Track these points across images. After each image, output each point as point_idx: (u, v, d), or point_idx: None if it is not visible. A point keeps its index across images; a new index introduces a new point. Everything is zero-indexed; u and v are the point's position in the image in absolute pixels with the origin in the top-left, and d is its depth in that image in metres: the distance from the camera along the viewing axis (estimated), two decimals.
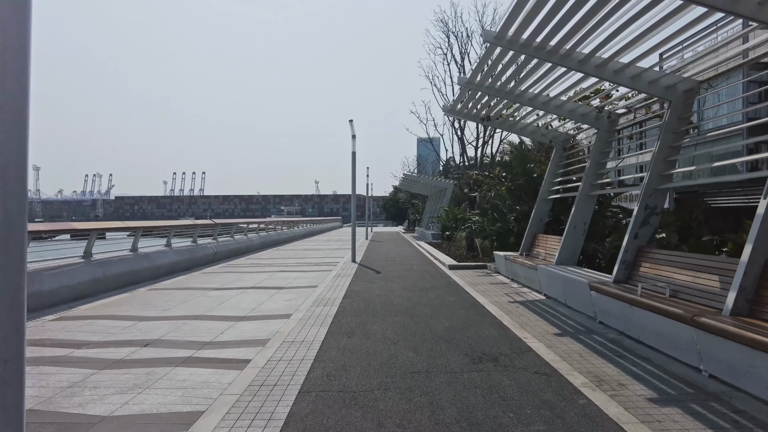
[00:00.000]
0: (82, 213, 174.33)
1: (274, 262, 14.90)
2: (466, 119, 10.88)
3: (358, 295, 8.59)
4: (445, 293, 8.68)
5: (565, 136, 10.33)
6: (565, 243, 8.37)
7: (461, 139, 17.10)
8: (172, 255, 12.36)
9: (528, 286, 9.31)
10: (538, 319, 6.58)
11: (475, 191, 16.58)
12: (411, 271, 12.08)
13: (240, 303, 7.99)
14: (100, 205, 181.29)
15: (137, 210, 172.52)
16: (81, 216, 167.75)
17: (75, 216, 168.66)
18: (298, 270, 12.61)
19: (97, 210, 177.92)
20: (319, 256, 16.80)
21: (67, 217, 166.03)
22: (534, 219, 10.48)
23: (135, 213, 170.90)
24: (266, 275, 11.57)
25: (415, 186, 34.64)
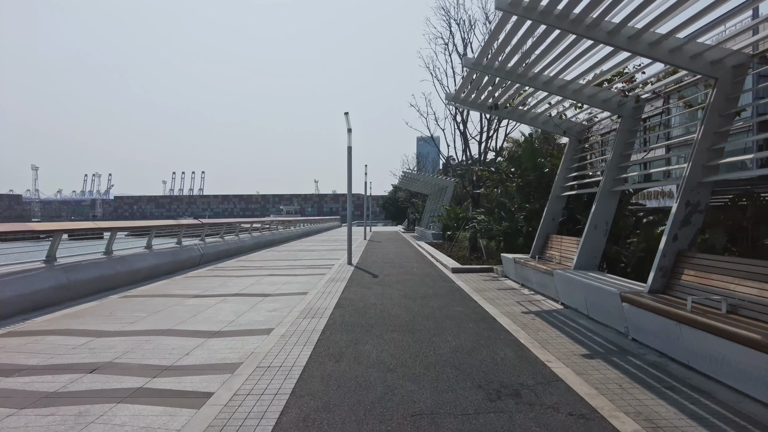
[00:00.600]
0: (81, 213, 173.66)
1: (265, 264, 13.95)
2: (470, 108, 9.94)
3: (352, 304, 7.65)
4: (449, 302, 7.74)
5: (580, 126, 9.39)
6: (585, 245, 7.43)
7: (464, 134, 16.14)
8: (153, 258, 11.42)
9: (541, 293, 8.36)
10: (559, 336, 5.64)
11: (479, 188, 15.64)
12: (411, 275, 11.13)
13: (217, 314, 7.05)
14: (99, 204, 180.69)
15: (136, 210, 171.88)
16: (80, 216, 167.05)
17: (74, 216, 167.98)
18: (288, 274, 11.67)
19: (96, 210, 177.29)
20: (314, 258, 15.85)
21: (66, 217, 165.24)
22: (546, 218, 9.54)
23: (134, 213, 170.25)
24: (254, 280, 10.64)
25: (414, 184, 33.70)
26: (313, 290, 9.07)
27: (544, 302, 7.72)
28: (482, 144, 15.60)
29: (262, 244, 20.73)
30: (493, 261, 12.27)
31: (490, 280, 10.31)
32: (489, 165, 13.25)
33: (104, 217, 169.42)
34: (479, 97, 9.17)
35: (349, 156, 13.75)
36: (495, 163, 13.51)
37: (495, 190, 11.51)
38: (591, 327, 6.02)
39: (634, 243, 7.47)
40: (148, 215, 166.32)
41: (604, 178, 7.43)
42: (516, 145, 13.44)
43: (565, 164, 9.48)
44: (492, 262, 12.16)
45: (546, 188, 10.25)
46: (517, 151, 11.72)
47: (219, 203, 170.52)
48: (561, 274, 7.19)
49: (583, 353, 4.93)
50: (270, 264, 14.00)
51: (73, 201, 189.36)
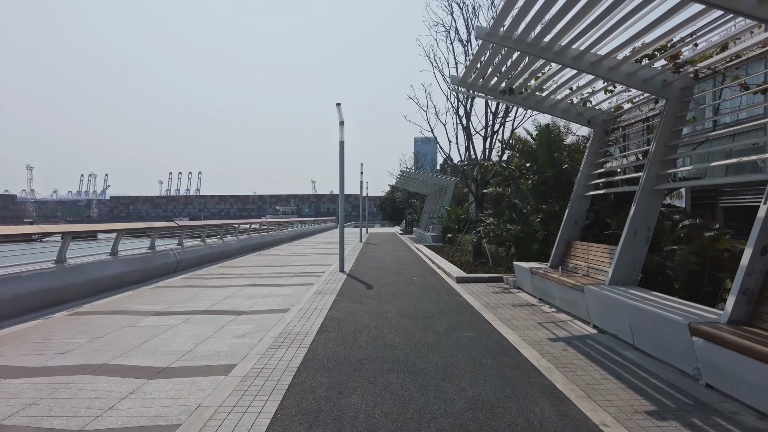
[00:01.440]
0: (77, 213, 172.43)
1: (248, 272, 12.60)
2: (479, 94, 8.63)
3: (340, 326, 6.31)
4: (458, 323, 6.41)
5: (607, 115, 8.10)
6: (623, 255, 6.11)
7: (467, 129, 14.82)
8: (118, 265, 10.06)
9: (566, 311, 7.05)
10: (605, 378, 4.32)
11: (485, 187, 14.33)
12: (410, 285, 9.81)
13: (174, 340, 5.71)
14: (94, 205, 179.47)
15: (132, 210, 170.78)
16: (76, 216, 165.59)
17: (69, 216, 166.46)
18: (272, 284, 10.32)
19: (91, 210, 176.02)
20: (303, 264, 14.50)
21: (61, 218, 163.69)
22: (567, 222, 8.23)
23: (130, 213, 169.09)
24: (231, 291, 9.30)
25: (412, 184, 32.37)
26: (296, 306, 7.73)
27: (572, 324, 6.40)
28: (487, 140, 14.29)
29: (249, 247, 19.37)
30: (502, 269, 10.95)
31: (501, 292, 8.99)
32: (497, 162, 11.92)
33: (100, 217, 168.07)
34: (490, 81, 7.85)
35: (342, 151, 12.42)
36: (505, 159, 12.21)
37: (506, 189, 10.18)
38: (642, 363, 4.70)
39: (682, 252, 6.16)
40: (144, 216, 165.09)
41: (645, 174, 6.13)
42: (520, 144, 12.15)
43: (589, 159, 8.18)
44: (501, 270, 10.84)
45: (566, 187, 8.95)
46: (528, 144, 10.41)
47: (216, 203, 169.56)
48: (596, 292, 5.87)
49: (647, 409, 3.61)
50: (254, 271, 12.65)
51: (68, 201, 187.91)
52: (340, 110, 12.29)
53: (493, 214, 10.63)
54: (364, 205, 35.98)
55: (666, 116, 6.03)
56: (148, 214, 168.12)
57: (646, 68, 6.03)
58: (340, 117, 12.34)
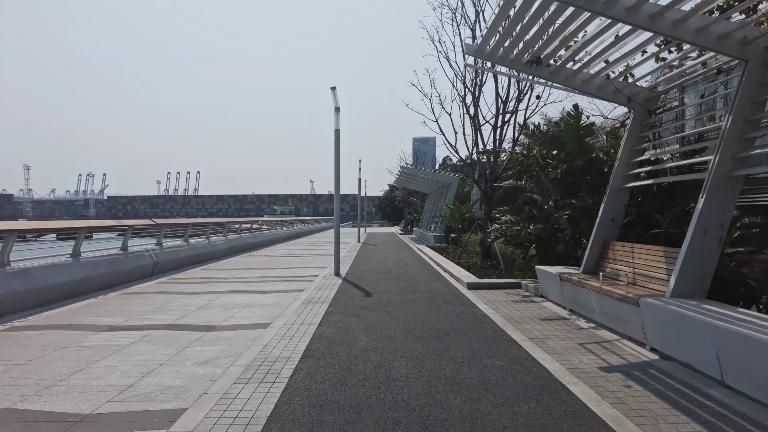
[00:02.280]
0: (75, 213, 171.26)
1: (233, 275, 11.28)
2: (499, 65, 7.35)
3: (330, 349, 5.00)
4: (479, 346, 5.09)
5: (650, 93, 6.81)
6: (689, 260, 4.81)
7: (475, 118, 13.52)
8: (79, 269, 8.74)
9: (608, 326, 5.75)
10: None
11: (495, 182, 13.03)
12: (415, 293, 8.50)
13: (115, 369, 4.41)
14: (92, 204, 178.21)
15: (130, 210, 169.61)
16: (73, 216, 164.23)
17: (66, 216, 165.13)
18: (256, 290, 9.01)
19: (89, 210, 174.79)
20: (295, 266, 13.18)
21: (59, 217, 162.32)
22: (603, 219, 6.94)
23: (128, 213, 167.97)
24: (206, 299, 7.99)
25: (413, 181, 31.02)
26: (279, 320, 6.42)
27: (621, 346, 5.09)
28: (497, 130, 12.99)
29: (239, 248, 18.03)
30: (519, 273, 9.64)
31: (522, 301, 7.69)
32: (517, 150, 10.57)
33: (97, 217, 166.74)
34: (512, 50, 6.56)
35: (337, 141, 11.11)
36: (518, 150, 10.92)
37: (528, 182, 8.84)
38: (746, 411, 3.40)
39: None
40: (141, 215, 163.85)
41: (717, 157, 4.83)
42: (530, 139, 10.84)
43: (628, 144, 6.88)
44: (517, 275, 9.53)
45: (598, 178, 7.66)
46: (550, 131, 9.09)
47: (214, 203, 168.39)
48: (659, 307, 4.56)
49: None
50: (239, 275, 11.33)
51: (66, 201, 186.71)
52: (336, 95, 10.99)
53: (509, 211, 9.32)
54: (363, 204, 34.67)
55: (746, 84, 4.74)
56: (146, 213, 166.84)
57: (722, 22, 4.73)
58: (335, 103, 11.04)
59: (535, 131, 9.44)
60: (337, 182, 11.19)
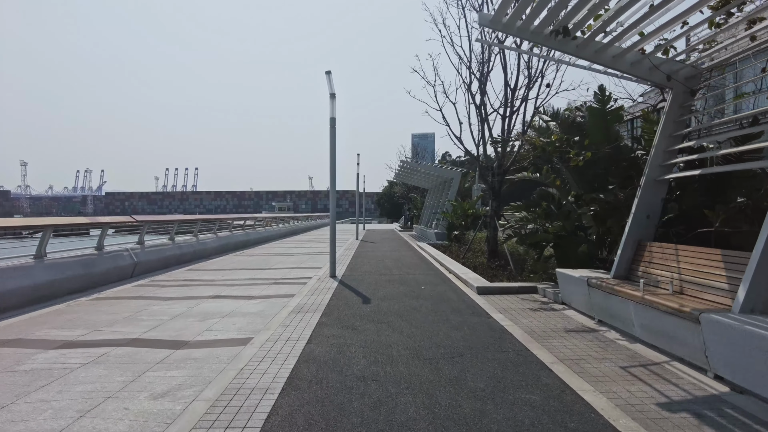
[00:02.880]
0: (72, 209, 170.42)
1: (219, 277, 10.36)
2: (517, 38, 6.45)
3: (319, 377, 4.07)
4: (502, 372, 4.18)
5: (692, 70, 5.89)
6: (763, 267, 3.90)
7: (481, 107, 12.58)
8: (42, 272, 7.82)
9: (650, 343, 4.84)
10: None
11: (504, 176, 12.12)
12: (419, 298, 7.58)
13: (48, 405, 3.50)
14: (90, 201, 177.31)
15: (128, 206, 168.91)
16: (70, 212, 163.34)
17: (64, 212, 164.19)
18: (242, 294, 8.10)
19: (87, 206, 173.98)
20: (288, 266, 12.26)
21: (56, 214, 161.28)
22: (637, 216, 6.02)
23: (126, 209, 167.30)
24: (184, 307, 7.07)
25: (413, 176, 30.04)
26: (263, 334, 5.50)
27: (673, 370, 4.18)
28: (506, 119, 12.04)
29: (230, 246, 17.08)
30: (535, 276, 8.72)
31: (541, 309, 6.78)
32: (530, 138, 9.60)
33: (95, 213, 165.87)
34: (533, 19, 5.62)
35: (332, 130, 10.16)
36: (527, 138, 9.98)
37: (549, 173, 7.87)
38: None
39: None
40: (139, 211, 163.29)
41: None
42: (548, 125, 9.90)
43: (666, 131, 5.96)
44: (534, 278, 8.61)
45: (628, 169, 6.73)
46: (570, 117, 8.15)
47: (212, 200, 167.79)
48: (730, 327, 3.65)
49: None
50: (226, 277, 10.40)
51: (63, 197, 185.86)
52: (331, 80, 10.03)
53: (523, 206, 8.39)
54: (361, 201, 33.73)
55: None
56: (144, 210, 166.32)
57: None
58: (331, 88, 10.09)
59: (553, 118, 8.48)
60: (332, 174, 10.24)
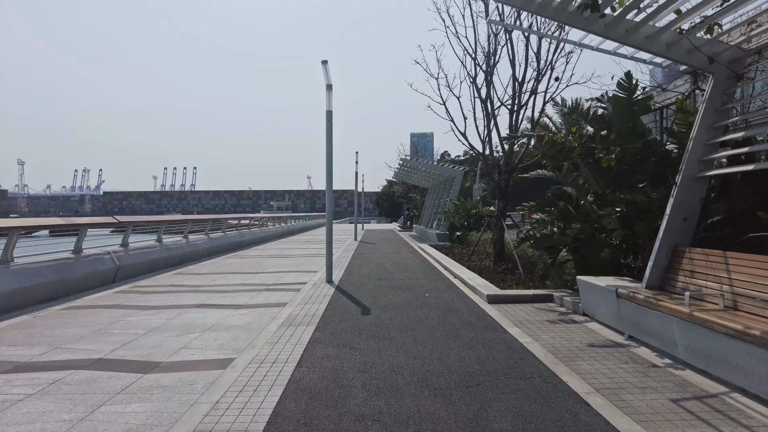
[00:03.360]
0: (70, 208, 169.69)
1: (207, 282, 9.64)
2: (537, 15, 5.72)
3: (307, 418, 3.34)
4: (530, 407, 3.46)
5: (737, 52, 5.18)
6: None
7: (487, 100, 11.86)
8: (7, 279, 7.09)
9: (699, 368, 4.12)
10: None
11: (510, 174, 11.42)
12: (423, 308, 6.87)
13: None
14: (88, 200, 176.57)
15: (126, 205, 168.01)
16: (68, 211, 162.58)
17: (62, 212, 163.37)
18: (230, 303, 7.39)
19: (85, 206, 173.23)
20: (283, 270, 11.54)
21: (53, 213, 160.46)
22: (672, 218, 5.31)
23: (124, 208, 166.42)
24: (164, 318, 6.36)
25: (413, 175, 29.29)
26: (247, 353, 4.78)
27: (738, 405, 3.47)
28: (514, 114, 11.33)
29: (223, 247, 16.35)
30: (551, 284, 7.99)
31: (561, 321, 6.07)
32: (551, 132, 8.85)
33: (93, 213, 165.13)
34: None
35: (329, 125, 9.44)
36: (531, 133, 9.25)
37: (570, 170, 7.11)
38: None
39: None
40: (137, 211, 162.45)
41: None
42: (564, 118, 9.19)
43: (706, 121, 5.26)
44: (549, 285, 7.88)
45: (658, 165, 6.03)
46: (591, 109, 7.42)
47: (210, 199, 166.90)
48: None
49: None
50: (215, 282, 9.68)
51: (61, 196, 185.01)
52: (327, 70, 9.31)
53: (537, 206, 7.68)
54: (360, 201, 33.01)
55: None
56: (142, 209, 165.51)
57: None
58: (327, 79, 9.36)
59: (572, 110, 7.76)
60: (329, 172, 9.52)
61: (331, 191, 9.59)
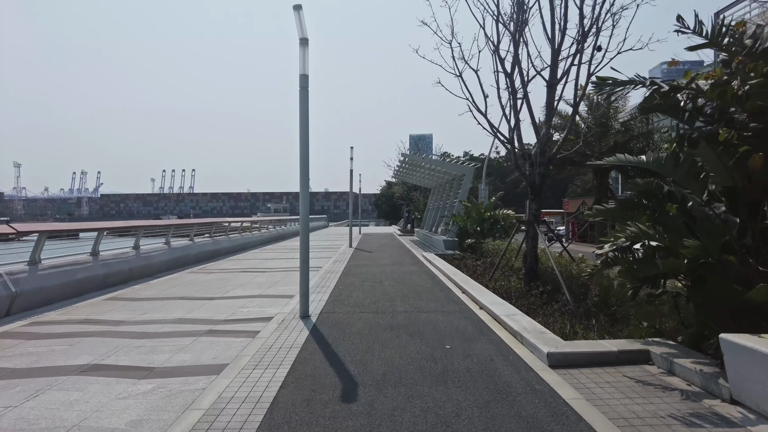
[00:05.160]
0: (67, 211, 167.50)
1: (135, 317, 6.90)
2: None
3: None
4: None
5: None
6: None
7: (511, 75, 9.15)
8: None
9: None
10: None
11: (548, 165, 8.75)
12: (448, 385, 4.11)
13: None
14: (85, 203, 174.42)
15: (123, 208, 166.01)
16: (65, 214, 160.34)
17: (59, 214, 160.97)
18: (138, 364, 4.66)
19: (82, 208, 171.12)
20: (250, 293, 8.81)
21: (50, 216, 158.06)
22: None
23: (121, 211, 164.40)
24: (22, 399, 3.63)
25: (415, 173, 26.45)
26: None
27: None
28: (553, 87, 8.62)
29: (190, 258, 13.57)
30: (635, 328, 5.21)
31: (691, 413, 3.36)
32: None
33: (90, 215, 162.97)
34: None
35: (304, 93, 6.70)
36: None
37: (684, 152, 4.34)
38: None
39: None
40: (135, 213, 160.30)
41: None
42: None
43: None
44: (635, 329, 5.12)
45: None
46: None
47: (208, 201, 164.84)
48: None
49: None
50: (146, 315, 6.95)
51: (59, 199, 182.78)
52: (301, 18, 6.58)
53: (617, 209, 4.91)
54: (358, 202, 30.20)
55: None
56: (139, 212, 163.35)
57: None
58: (301, 32, 6.63)
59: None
60: (304, 157, 6.73)
61: (306, 184, 6.84)
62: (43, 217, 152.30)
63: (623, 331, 5.26)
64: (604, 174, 15.49)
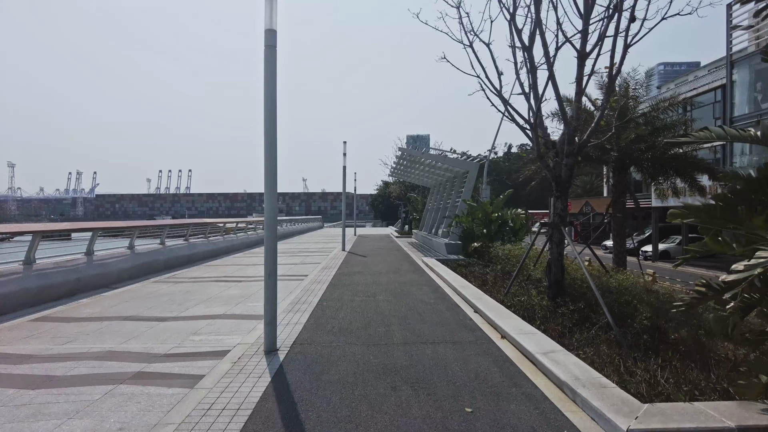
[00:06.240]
0: (62, 211, 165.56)
1: (43, 351, 5.26)
2: None
3: None
4: None
5: None
6: None
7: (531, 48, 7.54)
8: None
9: None
10: None
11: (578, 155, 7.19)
12: None
13: None
14: (80, 203, 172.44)
15: (119, 208, 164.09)
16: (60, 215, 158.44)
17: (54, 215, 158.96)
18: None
19: (77, 209, 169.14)
20: (212, 312, 7.18)
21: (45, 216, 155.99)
22: None
23: (116, 211, 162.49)
24: None
25: (413, 171, 24.78)
26: None
27: None
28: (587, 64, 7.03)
29: (158, 265, 11.89)
30: (746, 388, 3.60)
31: None
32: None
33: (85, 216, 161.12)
34: None
35: (270, 53, 5.10)
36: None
37: None
38: None
39: None
40: (130, 214, 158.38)
41: None
42: None
43: None
44: (746, 384, 3.51)
45: None
46: None
47: (204, 201, 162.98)
48: None
49: None
50: (54, 351, 5.32)
51: (54, 199, 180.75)
52: None
53: (715, 208, 3.34)
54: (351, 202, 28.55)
55: None
56: (135, 212, 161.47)
57: None
58: None
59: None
60: (270, 137, 5.15)
61: (274, 173, 5.23)
62: (37, 218, 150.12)
63: (704, 373, 3.72)
64: (623, 170, 13.93)
